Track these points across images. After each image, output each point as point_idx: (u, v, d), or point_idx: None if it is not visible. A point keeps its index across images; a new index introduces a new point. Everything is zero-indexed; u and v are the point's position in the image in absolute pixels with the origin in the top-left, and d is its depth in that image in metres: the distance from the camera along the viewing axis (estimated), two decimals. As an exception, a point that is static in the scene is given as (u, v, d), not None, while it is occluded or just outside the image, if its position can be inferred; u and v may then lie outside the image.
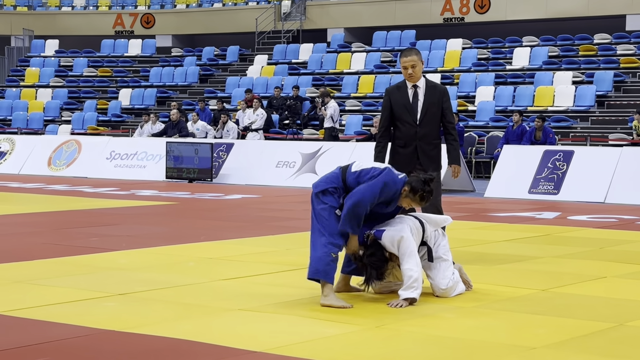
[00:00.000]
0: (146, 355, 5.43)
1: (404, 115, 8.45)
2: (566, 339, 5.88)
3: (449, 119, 8.53)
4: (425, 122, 8.43)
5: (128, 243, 10.15)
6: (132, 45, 34.50)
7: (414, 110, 8.42)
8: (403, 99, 8.45)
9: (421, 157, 8.45)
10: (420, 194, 6.96)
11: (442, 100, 8.46)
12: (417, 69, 8.33)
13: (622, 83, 24.53)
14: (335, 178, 7.01)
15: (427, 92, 8.44)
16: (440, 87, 8.60)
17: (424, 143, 8.46)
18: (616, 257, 9.46)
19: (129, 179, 20.56)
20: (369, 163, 7.17)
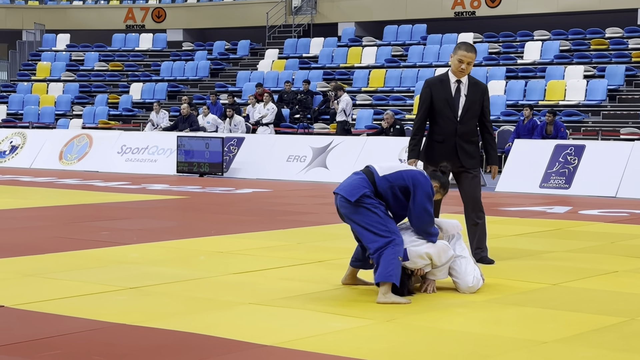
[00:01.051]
0: (157, 349, 5.44)
1: (444, 110, 8.27)
2: (577, 334, 5.87)
3: (488, 117, 8.45)
4: (466, 119, 8.30)
5: (139, 237, 10.16)
6: (143, 39, 34.52)
7: (456, 106, 8.26)
8: (445, 93, 8.27)
9: (460, 154, 8.34)
10: (448, 187, 7.30)
11: (483, 98, 8.35)
12: (470, 67, 8.27)
13: (634, 77, 24.45)
14: (365, 182, 6.89)
15: (470, 89, 8.30)
16: (482, 85, 8.46)
17: (463, 140, 8.33)
18: (627, 251, 9.44)
19: (140, 173, 20.59)
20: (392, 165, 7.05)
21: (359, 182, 6.92)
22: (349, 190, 6.90)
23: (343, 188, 6.98)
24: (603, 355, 5.37)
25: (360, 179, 6.94)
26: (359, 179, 6.95)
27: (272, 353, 5.35)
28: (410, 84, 26.34)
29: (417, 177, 6.93)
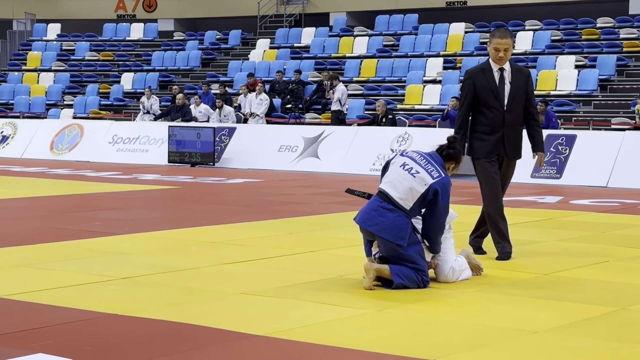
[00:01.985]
0: (149, 339, 5.44)
1: (490, 100, 7.98)
2: (568, 323, 5.89)
3: (533, 103, 8.14)
4: (513, 107, 8.02)
5: (130, 227, 10.16)
6: (134, 29, 34.43)
7: (501, 95, 7.97)
8: (489, 82, 7.98)
9: (507, 144, 8.09)
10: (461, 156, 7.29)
11: (527, 84, 8.08)
12: (509, 53, 7.97)
13: (625, 67, 24.48)
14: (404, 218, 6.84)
15: (514, 76, 8.03)
16: (525, 71, 8.20)
17: (510, 130, 8.07)
18: (618, 241, 9.46)
19: (131, 163, 20.57)
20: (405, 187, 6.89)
21: (400, 220, 6.83)
22: (395, 233, 6.79)
23: (384, 230, 6.83)
24: (594, 344, 5.39)
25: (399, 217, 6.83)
26: (397, 216, 6.83)
27: (263, 343, 5.35)
28: (401, 73, 26.33)
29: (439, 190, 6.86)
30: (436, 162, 7.03)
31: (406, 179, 6.94)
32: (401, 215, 6.85)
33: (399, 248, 6.81)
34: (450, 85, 24.45)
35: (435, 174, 6.93)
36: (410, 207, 6.88)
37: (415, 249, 6.87)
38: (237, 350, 5.22)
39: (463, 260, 7.28)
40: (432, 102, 24.36)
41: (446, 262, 7.13)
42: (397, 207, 6.87)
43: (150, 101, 25.48)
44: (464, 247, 7.95)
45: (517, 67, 8.12)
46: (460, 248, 7.59)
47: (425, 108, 24.29)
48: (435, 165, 7.00)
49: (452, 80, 24.88)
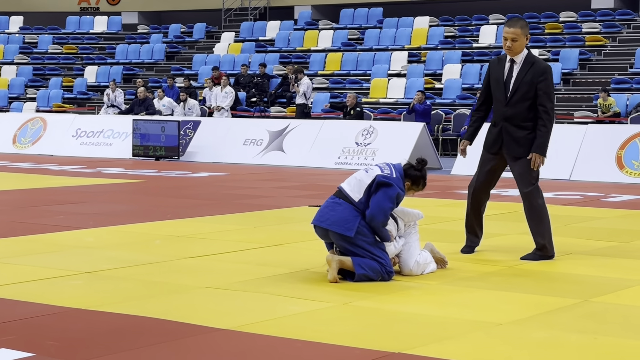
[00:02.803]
0: (113, 333, 5.41)
1: (497, 91, 7.85)
2: (532, 315, 5.93)
3: (540, 101, 7.71)
4: (514, 101, 7.75)
5: (94, 221, 10.10)
6: (97, 22, 34.22)
7: (506, 87, 7.76)
8: (498, 73, 7.81)
9: (505, 139, 7.84)
10: (422, 183, 7.19)
11: (537, 79, 7.68)
12: (518, 43, 7.68)
13: (588, 61, 24.66)
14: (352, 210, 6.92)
15: (522, 69, 7.73)
16: (540, 65, 7.76)
17: (510, 124, 7.79)
18: (581, 233, 9.54)
19: (95, 156, 20.44)
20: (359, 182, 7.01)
21: (348, 212, 6.92)
22: (342, 225, 6.88)
23: (333, 223, 6.92)
24: (557, 336, 5.43)
25: (346, 209, 6.93)
26: (344, 209, 6.93)
27: (229, 337, 5.35)
28: (366, 67, 26.37)
29: (383, 183, 6.93)
30: (396, 169, 7.07)
31: (359, 174, 7.12)
32: (349, 207, 6.93)
33: (347, 239, 6.87)
34: (414, 79, 24.52)
35: (387, 172, 7.00)
36: (358, 200, 6.95)
37: (366, 240, 6.89)
38: (202, 344, 5.21)
39: (427, 254, 7.31)
40: (396, 96, 24.42)
41: (411, 256, 7.15)
42: (347, 201, 6.96)
43: (114, 94, 25.37)
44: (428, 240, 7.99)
45: (533, 60, 7.75)
46: (425, 242, 7.61)
47: (390, 101, 24.35)
48: (392, 169, 7.05)
49: (416, 74, 24.95)
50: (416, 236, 7.29)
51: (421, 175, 7.16)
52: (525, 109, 7.75)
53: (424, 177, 7.17)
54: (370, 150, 18.09)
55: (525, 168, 7.83)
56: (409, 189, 7.14)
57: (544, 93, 7.71)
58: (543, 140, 7.79)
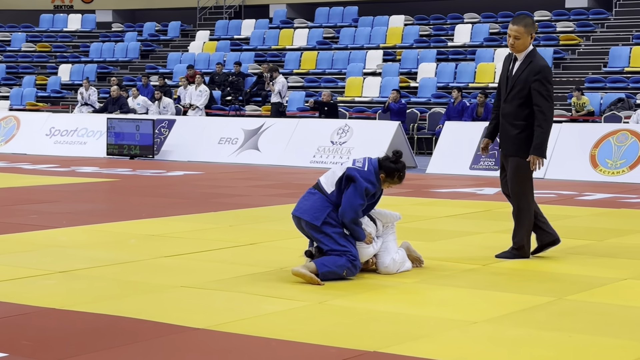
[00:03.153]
0: (87, 333, 5.39)
1: (501, 87, 7.83)
2: (506, 313, 5.95)
3: (535, 100, 7.58)
4: (510, 98, 7.68)
5: (69, 220, 10.05)
6: (71, 20, 34.04)
7: (507, 84, 7.72)
8: (505, 69, 7.79)
9: (501, 136, 7.82)
10: (398, 175, 7.12)
11: (532, 78, 7.58)
12: (521, 41, 7.60)
13: (562, 60, 24.78)
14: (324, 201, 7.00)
15: (520, 67, 7.66)
16: (536, 64, 7.63)
17: (506, 122, 7.73)
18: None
19: (69, 155, 20.35)
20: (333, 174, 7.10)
21: (320, 203, 6.99)
22: (312, 213, 6.95)
23: (305, 212, 6.99)
24: (531, 334, 5.45)
25: (319, 199, 7.01)
26: (317, 199, 7.02)
27: (204, 336, 5.34)
28: (341, 66, 26.38)
29: (354, 177, 6.95)
30: (370, 162, 7.08)
31: (335, 166, 7.19)
32: (322, 198, 7.01)
33: (315, 227, 6.92)
34: (390, 78, 24.55)
35: (359, 165, 7.04)
36: (330, 192, 7.02)
37: (333, 230, 6.92)
38: (177, 343, 5.19)
39: (404, 253, 7.33)
40: (372, 94, 24.45)
41: (387, 254, 7.16)
42: (321, 192, 7.04)
43: (88, 92, 25.25)
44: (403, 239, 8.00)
45: (533, 59, 7.65)
46: (401, 241, 7.63)
47: (365, 100, 24.37)
48: (366, 162, 7.06)
49: (391, 73, 24.99)
50: (393, 235, 7.31)
51: (396, 167, 7.11)
52: (518, 106, 7.66)
53: (399, 170, 7.12)
54: (345, 149, 18.10)
55: (513, 167, 7.76)
56: (384, 182, 7.10)
57: (538, 92, 7.58)
58: (539, 141, 7.60)
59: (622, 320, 5.85)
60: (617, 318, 5.89)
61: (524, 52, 7.67)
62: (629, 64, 23.30)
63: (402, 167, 7.15)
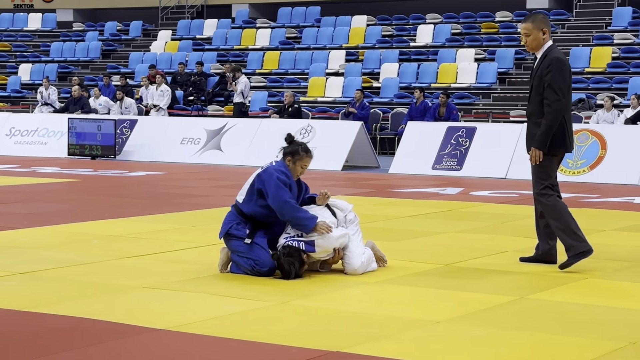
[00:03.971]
0: (49, 334, 5.35)
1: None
2: (468, 313, 5.98)
3: (544, 94, 7.35)
4: (532, 97, 7.49)
5: (29, 221, 9.97)
6: (31, 19, 33.76)
7: (530, 84, 7.56)
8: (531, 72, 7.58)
9: (527, 138, 7.61)
10: (301, 148, 7.24)
11: (544, 72, 7.37)
12: (532, 38, 7.47)
13: (523, 60, 24.93)
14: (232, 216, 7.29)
15: (537, 63, 7.47)
16: (549, 57, 7.42)
17: (531, 122, 7.53)
18: (517, 231, 9.64)
19: (30, 155, 20.18)
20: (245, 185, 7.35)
21: (228, 218, 7.27)
22: (222, 228, 7.26)
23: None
24: (493, 333, 5.48)
25: (229, 214, 7.29)
26: (228, 214, 7.30)
27: (166, 337, 5.32)
28: (304, 66, 26.38)
29: (261, 175, 7.17)
30: (276, 161, 7.30)
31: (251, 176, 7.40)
32: (231, 212, 7.31)
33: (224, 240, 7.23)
34: (352, 78, 24.58)
35: (266, 165, 7.24)
36: (242, 200, 7.26)
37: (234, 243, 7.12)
38: (140, 344, 5.17)
39: (370, 253, 7.34)
40: (334, 95, 24.47)
41: (356, 256, 7.15)
42: (234, 205, 7.31)
43: (48, 91, 25.06)
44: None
45: (546, 54, 7.46)
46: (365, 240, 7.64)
47: (328, 100, 24.38)
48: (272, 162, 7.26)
49: (354, 73, 25.02)
50: (359, 235, 7.31)
51: (295, 145, 7.26)
52: (538, 104, 7.43)
53: (299, 144, 7.27)
54: (308, 149, 18.08)
55: (532, 168, 7.59)
56: (295, 165, 7.21)
57: (548, 85, 7.35)
58: (541, 133, 7.38)
59: (582, 319, 5.90)
60: (578, 317, 5.94)
61: (541, 49, 7.48)
62: (589, 64, 23.50)
63: (299, 142, 7.30)
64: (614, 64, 23.10)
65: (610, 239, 9.33)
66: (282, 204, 7.03)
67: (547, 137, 7.39)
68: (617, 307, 6.23)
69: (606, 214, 11.41)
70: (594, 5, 26.48)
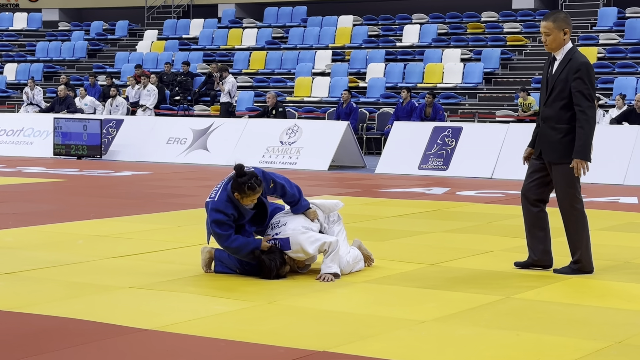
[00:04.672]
0: (34, 335, 5.34)
1: (541, 90, 7.32)
2: (455, 312, 5.99)
3: (575, 100, 7.04)
4: (551, 101, 7.15)
5: (14, 221, 9.94)
6: (17, 18, 33.66)
7: (547, 86, 7.21)
8: (545, 71, 7.30)
9: (539, 142, 7.25)
10: (246, 186, 6.89)
11: (572, 77, 7.06)
12: (552, 37, 7.16)
13: (509, 60, 24.99)
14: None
15: (560, 66, 7.16)
16: (576, 61, 7.11)
17: (547, 126, 7.18)
18: (503, 231, 9.67)
19: (15, 155, 20.12)
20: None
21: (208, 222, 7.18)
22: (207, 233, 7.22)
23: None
24: (479, 333, 5.49)
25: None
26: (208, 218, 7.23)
27: (153, 337, 5.31)
28: (291, 66, 26.38)
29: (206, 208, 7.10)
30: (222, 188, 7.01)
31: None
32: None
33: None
34: (338, 78, 24.60)
35: (212, 195, 7.06)
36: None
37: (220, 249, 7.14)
38: (126, 344, 5.16)
39: (357, 252, 7.34)
40: (321, 95, 24.48)
41: (340, 257, 7.13)
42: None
43: (33, 92, 24.97)
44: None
45: (572, 56, 7.16)
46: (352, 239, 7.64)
47: (314, 100, 24.39)
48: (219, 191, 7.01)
49: (340, 73, 25.03)
50: (343, 234, 7.31)
51: (241, 181, 6.90)
52: (560, 109, 7.12)
53: (245, 182, 6.88)
54: (294, 149, 18.11)
55: (558, 176, 7.18)
56: (243, 200, 6.93)
57: (578, 92, 7.04)
58: (582, 142, 7.02)
59: (568, 318, 5.92)
60: (564, 316, 5.96)
61: (561, 50, 7.20)
62: (574, 64, 23.55)
63: (247, 178, 6.90)
64: (599, 64, 23.17)
65: (596, 238, 9.33)
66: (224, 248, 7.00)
67: (590, 146, 7.08)
68: (603, 306, 6.25)
69: (591, 214, 11.39)
70: (579, 6, 26.56)
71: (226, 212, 6.90)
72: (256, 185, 6.91)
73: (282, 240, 6.96)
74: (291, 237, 6.96)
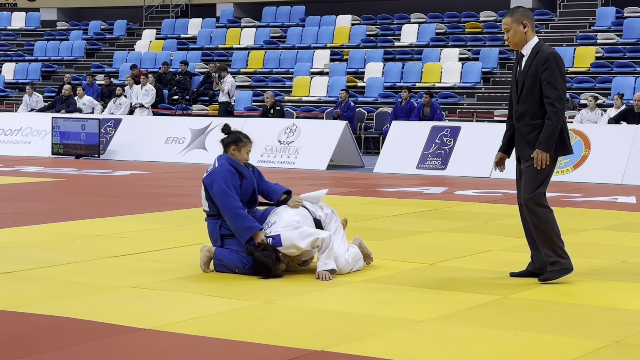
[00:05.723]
0: (33, 334, 5.34)
1: (512, 89, 7.11)
2: (453, 312, 5.99)
3: (544, 92, 6.85)
4: (523, 97, 6.95)
5: (12, 221, 9.94)
6: (15, 18, 33.64)
7: (517, 83, 7.02)
8: (514, 70, 7.11)
9: (517, 141, 7.09)
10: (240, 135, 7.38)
11: (540, 69, 6.88)
12: (512, 33, 6.99)
13: (507, 60, 24.99)
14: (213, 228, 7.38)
15: (528, 61, 6.96)
16: (544, 53, 6.93)
17: (522, 124, 6.99)
18: (501, 230, 9.67)
19: (14, 155, 20.12)
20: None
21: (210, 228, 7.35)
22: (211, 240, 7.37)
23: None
24: (477, 332, 5.50)
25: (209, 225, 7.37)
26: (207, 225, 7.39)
27: (151, 336, 5.31)
28: (289, 65, 26.37)
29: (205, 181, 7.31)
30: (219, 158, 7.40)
31: None
32: (210, 222, 7.35)
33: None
34: (337, 77, 24.59)
35: (210, 169, 7.37)
36: (208, 206, 7.34)
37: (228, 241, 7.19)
38: (124, 344, 5.16)
39: (356, 250, 7.33)
40: (319, 94, 24.47)
41: (339, 255, 7.13)
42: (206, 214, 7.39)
43: (33, 98, 24.72)
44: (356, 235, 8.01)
45: (538, 50, 6.98)
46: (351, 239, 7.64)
47: (313, 100, 24.39)
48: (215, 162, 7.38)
49: (339, 72, 25.03)
50: (340, 232, 7.30)
51: (235, 133, 7.38)
52: (533, 104, 6.91)
53: (239, 132, 7.43)
54: (293, 148, 18.11)
55: (528, 171, 7.01)
56: (241, 152, 7.33)
57: (547, 83, 6.85)
58: (546, 134, 6.83)
59: (566, 317, 5.92)
60: (561, 316, 5.97)
61: (526, 45, 7.01)
62: (573, 64, 23.57)
63: (237, 130, 7.46)
64: (598, 63, 23.19)
65: (594, 238, 9.38)
66: (224, 210, 7.15)
67: (554, 138, 6.86)
68: (600, 306, 6.26)
69: (590, 214, 11.46)
70: (577, 5, 26.57)
71: (228, 170, 7.24)
72: (245, 134, 7.41)
73: (274, 237, 6.98)
74: (282, 233, 6.98)
